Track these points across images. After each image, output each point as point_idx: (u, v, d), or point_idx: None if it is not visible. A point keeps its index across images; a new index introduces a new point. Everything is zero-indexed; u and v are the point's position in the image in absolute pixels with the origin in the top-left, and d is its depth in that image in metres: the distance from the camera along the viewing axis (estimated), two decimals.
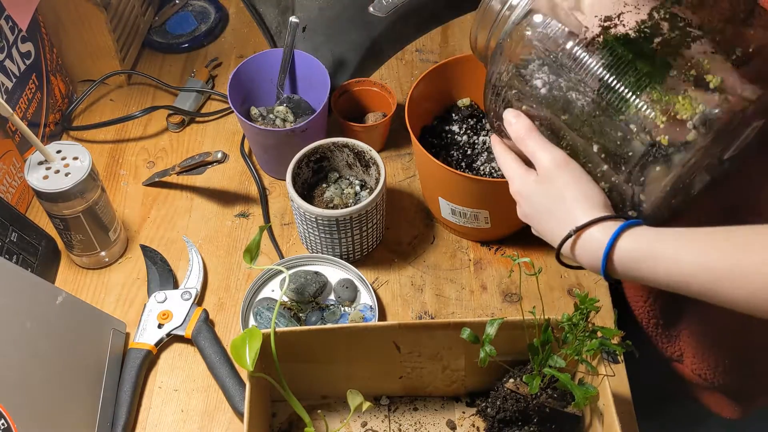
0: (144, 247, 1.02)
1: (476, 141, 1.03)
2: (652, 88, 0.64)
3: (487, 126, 1.05)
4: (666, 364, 0.97)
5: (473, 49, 0.80)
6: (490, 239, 1.03)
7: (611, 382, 0.76)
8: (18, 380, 0.72)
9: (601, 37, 0.67)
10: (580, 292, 0.90)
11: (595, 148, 0.68)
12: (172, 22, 1.28)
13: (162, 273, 0.99)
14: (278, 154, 1.03)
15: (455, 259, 1.01)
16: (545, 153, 0.70)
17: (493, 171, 1.00)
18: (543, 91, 0.70)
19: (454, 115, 1.05)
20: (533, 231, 0.75)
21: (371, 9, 1.07)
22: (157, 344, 0.92)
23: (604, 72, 0.66)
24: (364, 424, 0.87)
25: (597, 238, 0.65)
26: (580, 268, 0.69)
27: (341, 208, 0.94)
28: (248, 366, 0.74)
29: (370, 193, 0.99)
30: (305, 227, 0.97)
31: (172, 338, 0.94)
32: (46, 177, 0.89)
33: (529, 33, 0.70)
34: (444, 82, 1.03)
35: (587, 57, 0.67)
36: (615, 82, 0.66)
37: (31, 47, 1.04)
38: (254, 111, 1.08)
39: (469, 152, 1.02)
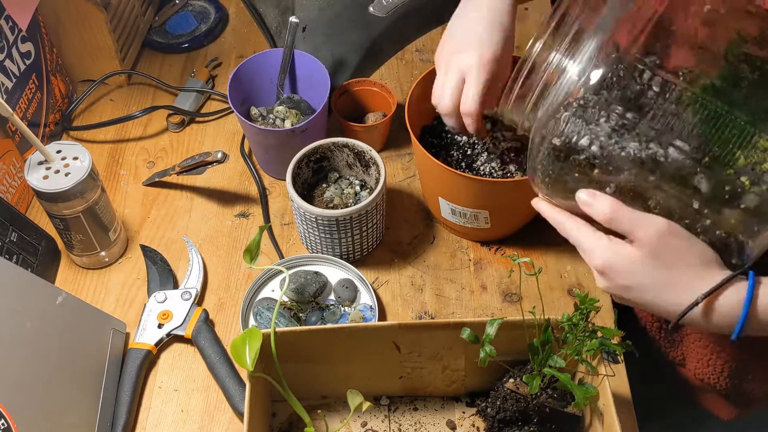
0: (144, 247, 1.02)
1: (476, 141, 1.03)
2: (759, 136, 0.61)
3: (487, 126, 1.05)
4: (667, 366, 0.97)
5: (503, 113, 0.76)
6: (490, 239, 1.03)
7: (611, 382, 0.76)
8: (18, 380, 0.72)
9: (689, 91, 0.63)
10: (580, 292, 0.90)
11: (696, 204, 0.64)
12: (172, 22, 1.28)
13: (162, 273, 0.99)
14: (278, 154, 1.03)
15: (455, 259, 1.01)
16: (645, 225, 0.64)
17: (493, 171, 1.00)
18: (622, 153, 0.64)
19: None
20: (621, 302, 0.70)
21: (371, 9, 1.07)
22: (157, 344, 0.92)
23: (704, 127, 0.63)
24: (364, 424, 0.87)
25: (729, 299, 0.63)
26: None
27: (341, 208, 0.94)
28: (248, 366, 0.74)
29: (370, 193, 0.99)
30: (305, 227, 0.97)
31: (172, 338, 0.94)
32: (46, 177, 0.89)
33: (591, 93, 0.65)
34: None
35: (679, 113, 0.64)
36: (718, 136, 0.62)
37: (31, 47, 1.04)
38: (254, 111, 1.08)
39: (469, 152, 1.02)
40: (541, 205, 0.73)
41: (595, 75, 0.65)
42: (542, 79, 0.69)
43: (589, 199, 0.66)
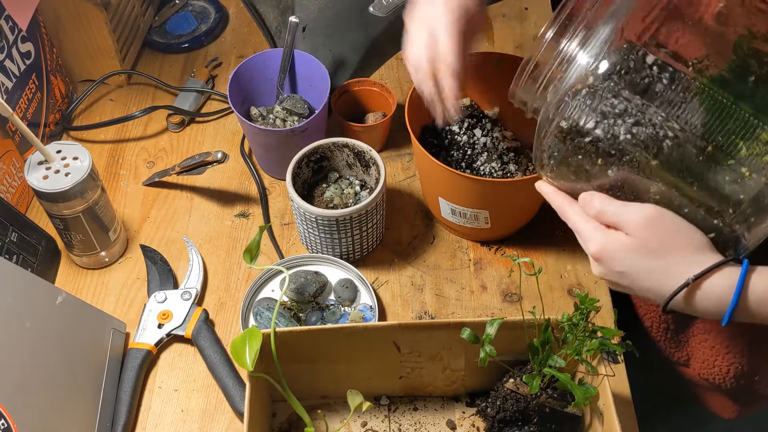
0: (144, 247, 1.02)
1: (476, 141, 1.03)
2: (762, 129, 0.62)
3: (487, 126, 1.05)
4: (668, 366, 0.97)
5: (514, 97, 0.76)
6: (490, 239, 1.03)
7: (611, 382, 0.76)
8: (18, 380, 0.72)
9: (697, 81, 0.65)
10: (580, 292, 0.90)
11: (694, 193, 0.65)
12: (172, 22, 1.28)
13: (162, 273, 0.99)
14: (278, 154, 1.03)
15: (455, 259, 1.01)
16: (632, 211, 0.67)
17: (493, 171, 1.00)
18: (627, 137, 0.66)
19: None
20: (616, 288, 0.71)
21: (371, 9, 1.07)
22: (157, 344, 0.92)
23: (709, 116, 0.64)
24: (364, 424, 0.87)
25: (717, 287, 0.64)
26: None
27: (341, 208, 0.94)
28: (248, 366, 0.74)
29: (370, 193, 0.99)
30: (305, 227, 0.97)
31: (172, 338, 0.94)
32: (46, 177, 0.89)
33: (600, 79, 0.67)
34: None
35: (686, 102, 0.65)
36: (722, 126, 0.63)
37: (31, 47, 1.04)
38: (254, 111, 1.08)
39: (469, 152, 1.02)
40: (544, 187, 0.75)
41: (605, 63, 0.67)
42: (554, 64, 0.70)
43: (582, 198, 0.70)
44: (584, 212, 0.70)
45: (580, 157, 0.69)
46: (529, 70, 0.72)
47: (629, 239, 0.66)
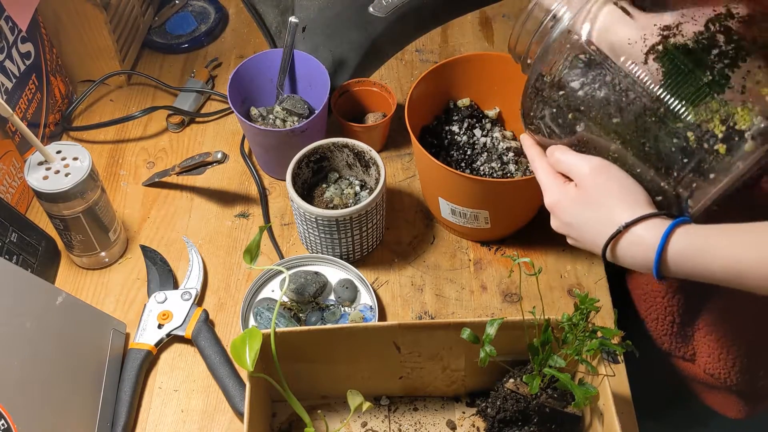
0: (144, 248, 1.02)
1: (476, 141, 1.03)
2: (712, 97, 0.65)
3: (487, 126, 1.05)
4: (670, 363, 0.97)
5: (511, 50, 0.80)
6: (490, 239, 1.03)
7: (611, 382, 0.76)
8: (18, 380, 0.72)
9: (661, 45, 0.67)
10: (580, 292, 0.90)
11: (645, 153, 0.68)
12: (171, 22, 1.28)
13: (162, 273, 0.99)
14: (278, 154, 1.03)
15: (455, 259, 1.01)
16: (582, 161, 0.71)
17: (492, 171, 1.00)
18: (595, 93, 0.70)
19: (454, 115, 1.05)
20: (569, 241, 0.75)
21: (371, 9, 1.07)
22: (157, 344, 0.92)
23: (666, 79, 0.67)
24: (364, 424, 0.87)
25: (646, 236, 0.66)
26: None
27: (341, 209, 0.94)
28: (248, 366, 0.74)
29: (370, 194, 0.99)
30: (305, 227, 0.97)
31: (172, 338, 0.94)
32: (46, 177, 0.89)
33: (578, 37, 0.71)
34: (444, 82, 1.03)
35: (646, 63, 0.68)
36: (676, 89, 0.66)
37: (30, 47, 1.04)
38: (254, 111, 1.08)
39: (469, 152, 1.02)
40: (525, 139, 0.80)
41: (587, 24, 0.71)
42: (545, 18, 0.74)
43: (550, 149, 0.75)
44: (547, 165, 0.75)
45: (554, 110, 0.73)
46: (523, 26, 0.76)
47: (576, 191, 0.71)
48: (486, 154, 1.02)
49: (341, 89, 1.10)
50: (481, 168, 1.00)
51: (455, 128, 1.04)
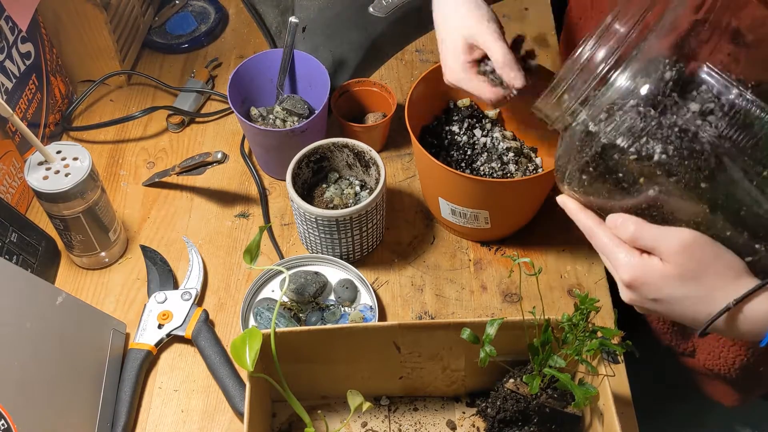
0: (144, 248, 1.02)
1: (476, 141, 1.03)
2: None
3: (487, 126, 1.05)
4: (671, 357, 0.97)
5: (539, 111, 0.72)
6: (490, 239, 1.03)
7: (611, 382, 0.76)
8: (18, 381, 0.72)
9: (755, 107, 0.62)
10: (580, 292, 0.90)
11: (740, 218, 0.63)
12: (172, 22, 1.28)
13: (162, 273, 0.99)
14: (278, 154, 1.03)
15: (455, 259, 1.01)
16: (669, 237, 0.64)
17: (493, 171, 1.00)
18: (679, 157, 0.62)
19: (454, 115, 1.05)
20: (648, 312, 0.69)
21: (371, 9, 1.07)
22: (157, 344, 0.92)
23: (766, 139, 0.61)
24: (364, 425, 0.87)
25: (759, 307, 0.63)
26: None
27: (341, 209, 0.94)
28: (248, 366, 0.74)
29: (370, 194, 0.99)
30: (305, 227, 0.97)
31: (172, 338, 0.94)
32: (46, 177, 0.89)
33: (656, 102, 0.63)
34: (444, 82, 1.03)
35: (743, 125, 0.62)
36: None
37: (31, 48, 1.04)
38: (254, 111, 1.08)
39: (469, 152, 1.02)
40: (569, 203, 0.71)
41: (645, 86, 0.64)
42: (592, 80, 0.67)
43: (616, 218, 0.67)
44: (615, 235, 0.67)
45: (620, 174, 0.65)
46: (565, 85, 0.69)
47: (666, 266, 0.64)
48: (486, 154, 1.02)
49: (341, 89, 1.10)
50: (481, 168, 1.00)
51: (455, 128, 1.04)
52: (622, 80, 0.65)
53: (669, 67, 0.64)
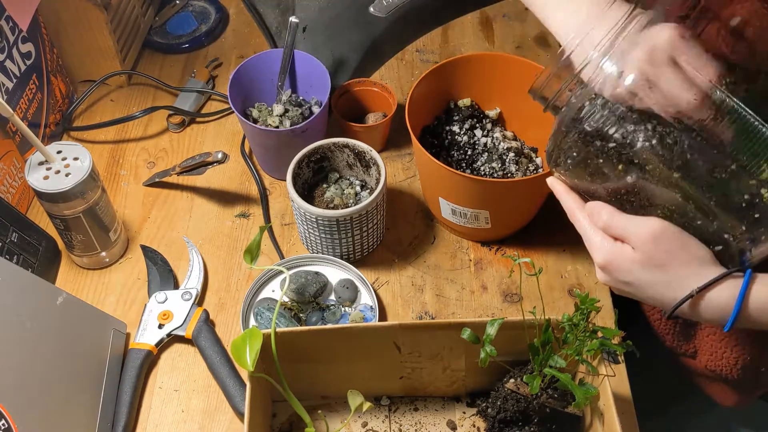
0: (144, 248, 1.02)
1: (477, 141, 1.03)
2: None
3: (488, 126, 1.05)
4: (671, 358, 0.97)
5: (535, 92, 0.75)
6: (490, 239, 1.03)
7: (611, 382, 0.76)
8: (18, 381, 0.73)
9: (728, 99, 0.65)
10: (581, 292, 0.90)
11: (709, 207, 0.66)
12: (172, 22, 1.28)
13: (162, 273, 0.99)
14: (278, 154, 1.03)
15: (455, 259, 1.01)
16: (639, 226, 0.68)
17: (493, 171, 1.00)
18: (655, 146, 0.66)
19: (454, 115, 1.05)
20: (621, 293, 0.73)
21: (372, 9, 1.07)
22: (157, 344, 0.92)
23: (738, 136, 0.65)
24: (364, 425, 0.87)
25: (721, 295, 0.66)
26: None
27: (341, 209, 0.94)
28: (249, 366, 0.74)
29: (370, 194, 0.99)
30: (306, 227, 0.97)
31: (173, 338, 0.94)
32: (46, 177, 0.89)
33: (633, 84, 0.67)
34: (444, 82, 1.03)
35: (717, 119, 0.65)
36: (749, 146, 0.64)
37: (31, 47, 1.04)
38: (254, 111, 1.08)
39: (469, 152, 1.02)
40: (556, 185, 0.75)
41: (630, 76, 0.67)
42: (582, 68, 0.70)
43: (593, 206, 0.71)
44: (590, 220, 0.72)
45: (601, 160, 0.69)
46: (556, 71, 0.72)
47: (635, 253, 0.68)
48: (486, 154, 1.02)
49: (342, 89, 1.10)
50: (482, 168, 1.00)
51: (456, 128, 1.04)
52: (609, 67, 0.68)
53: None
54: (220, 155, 1.00)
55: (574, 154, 0.70)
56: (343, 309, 0.96)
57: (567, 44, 0.71)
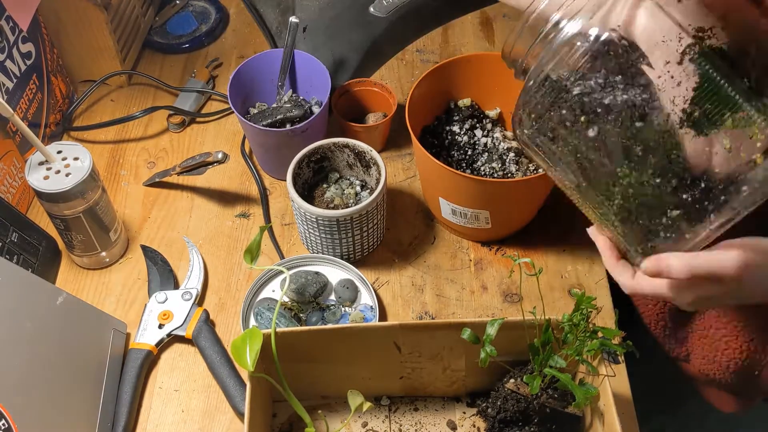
0: (144, 248, 1.02)
1: (477, 141, 1.03)
2: (751, 105, 0.61)
3: (488, 126, 1.05)
4: (669, 361, 0.97)
5: (506, 55, 0.75)
6: (490, 239, 1.03)
7: (612, 382, 0.76)
8: (19, 381, 0.73)
9: (697, 47, 0.63)
10: (581, 292, 0.90)
11: (671, 162, 0.64)
12: (172, 22, 1.28)
13: (162, 273, 0.99)
14: (279, 154, 1.03)
15: (456, 259, 1.01)
16: (723, 261, 0.64)
17: (493, 171, 1.00)
18: (620, 94, 0.65)
19: (454, 115, 1.05)
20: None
21: (372, 9, 1.07)
22: (157, 344, 0.92)
23: (704, 83, 0.63)
24: (364, 425, 0.87)
25: None
26: None
27: (342, 209, 0.94)
28: (249, 366, 0.74)
29: (370, 194, 0.99)
30: (306, 227, 0.97)
31: (173, 338, 0.94)
32: (46, 177, 0.89)
33: (604, 32, 0.65)
34: (444, 82, 1.03)
35: (680, 64, 0.64)
36: (715, 94, 0.63)
37: (31, 47, 1.04)
38: (254, 111, 1.08)
39: (469, 152, 1.02)
40: (600, 240, 0.72)
41: (595, 29, 0.65)
42: (553, 19, 0.69)
43: (659, 265, 0.66)
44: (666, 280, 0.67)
45: (564, 111, 0.67)
46: (526, 21, 0.71)
47: (727, 287, 0.65)
48: (487, 154, 1.02)
49: (342, 89, 1.10)
50: (482, 168, 1.00)
51: (456, 128, 1.04)
52: (574, 26, 0.66)
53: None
54: (220, 155, 1.00)
55: (539, 106, 0.68)
56: (343, 309, 0.96)
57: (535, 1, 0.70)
